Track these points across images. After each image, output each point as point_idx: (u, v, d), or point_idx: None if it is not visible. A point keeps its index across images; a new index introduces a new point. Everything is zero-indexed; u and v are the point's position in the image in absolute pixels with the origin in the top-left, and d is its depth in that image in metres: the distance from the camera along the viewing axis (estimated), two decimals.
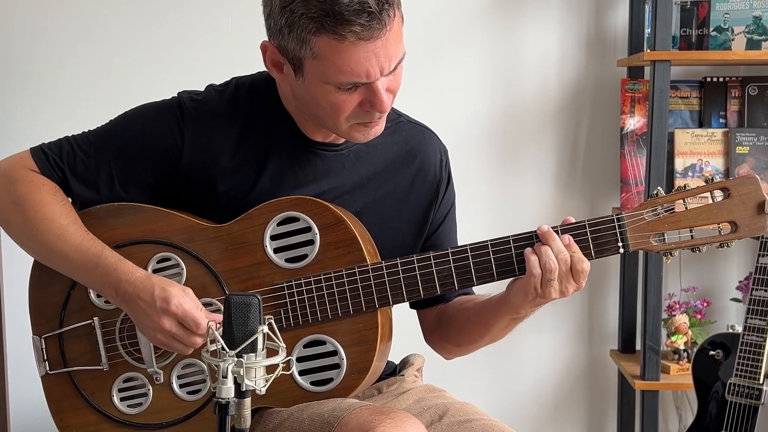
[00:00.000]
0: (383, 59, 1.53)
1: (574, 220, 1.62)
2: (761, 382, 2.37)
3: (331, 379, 1.66)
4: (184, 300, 1.61)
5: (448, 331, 1.81)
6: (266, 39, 1.61)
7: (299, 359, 1.67)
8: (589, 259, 1.60)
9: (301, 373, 1.67)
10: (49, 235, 1.69)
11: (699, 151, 2.79)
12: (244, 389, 1.27)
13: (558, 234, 1.59)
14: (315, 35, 1.51)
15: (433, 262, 1.63)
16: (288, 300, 1.66)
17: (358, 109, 1.59)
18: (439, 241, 1.82)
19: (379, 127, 1.65)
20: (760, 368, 2.37)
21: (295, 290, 1.66)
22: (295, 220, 1.67)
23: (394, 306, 1.70)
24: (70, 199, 1.76)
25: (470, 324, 1.76)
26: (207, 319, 1.60)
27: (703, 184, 1.59)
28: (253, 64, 1.65)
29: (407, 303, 1.74)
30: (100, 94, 2.93)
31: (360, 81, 1.54)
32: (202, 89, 1.76)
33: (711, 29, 2.75)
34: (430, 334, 1.86)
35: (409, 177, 1.79)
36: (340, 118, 1.60)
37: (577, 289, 1.60)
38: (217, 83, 1.77)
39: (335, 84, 1.55)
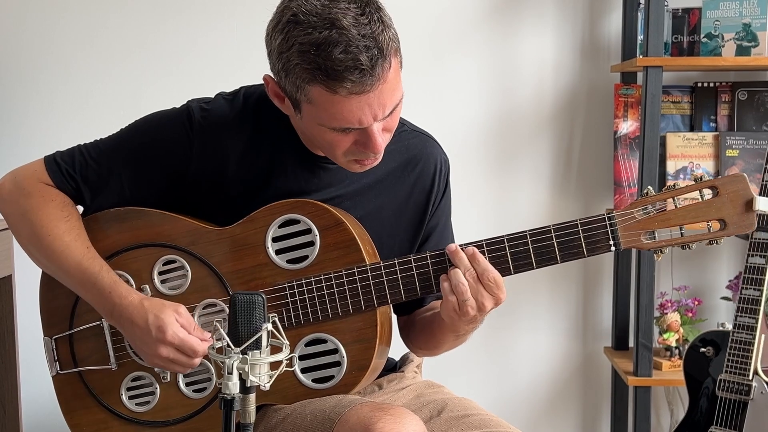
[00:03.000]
0: (377, 108, 1.52)
1: (454, 247, 1.60)
2: (750, 378, 2.37)
3: (332, 377, 1.66)
4: (179, 329, 1.61)
5: (411, 335, 1.83)
6: (268, 71, 1.60)
7: (301, 357, 1.67)
8: (581, 257, 1.60)
9: (303, 370, 1.67)
10: (52, 250, 1.69)
11: (690, 154, 2.79)
12: (248, 385, 1.28)
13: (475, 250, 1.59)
14: (309, 84, 1.50)
15: (429, 261, 1.63)
16: (289, 300, 1.66)
17: (354, 147, 1.58)
18: (430, 247, 1.80)
19: (375, 162, 1.64)
20: (750, 365, 2.37)
21: (296, 290, 1.66)
22: (296, 222, 1.67)
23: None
24: (82, 208, 1.76)
25: (425, 335, 1.78)
26: (203, 342, 1.61)
27: (693, 183, 1.58)
28: (257, 66, 1.65)
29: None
30: (108, 98, 2.94)
31: (353, 127, 1.54)
32: (212, 96, 1.76)
33: (702, 36, 2.75)
34: (401, 332, 1.87)
35: (409, 185, 1.78)
36: (337, 153, 1.60)
37: (495, 303, 1.59)
38: (226, 91, 1.76)
39: (329, 127, 1.55)
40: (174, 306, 1.64)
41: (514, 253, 1.60)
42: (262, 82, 1.68)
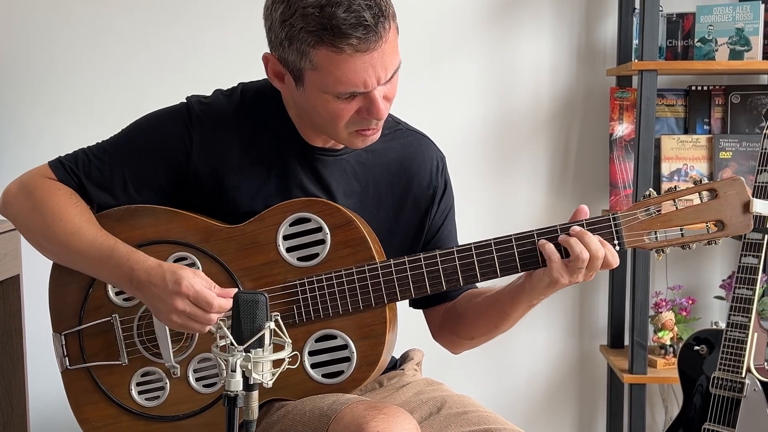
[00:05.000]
0: (380, 69, 1.53)
1: (588, 210, 1.62)
2: (743, 375, 2.37)
3: (341, 372, 1.66)
4: (195, 281, 1.60)
5: (460, 327, 1.80)
6: (268, 51, 1.61)
7: (311, 353, 1.67)
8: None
9: (313, 366, 1.67)
10: (65, 234, 1.69)
11: (684, 156, 2.79)
12: (251, 383, 1.28)
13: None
14: (314, 48, 1.51)
15: (439, 260, 1.63)
16: (300, 297, 1.66)
17: (356, 116, 1.59)
18: (440, 243, 1.81)
19: (377, 134, 1.65)
20: (743, 362, 2.37)
21: (307, 287, 1.66)
22: (307, 220, 1.67)
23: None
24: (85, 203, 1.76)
25: (484, 317, 1.75)
26: (218, 295, 1.60)
27: (692, 185, 1.60)
28: (260, 69, 1.65)
29: (405, 301, 1.74)
30: (113, 100, 2.94)
31: (358, 90, 1.55)
32: (210, 93, 1.76)
33: (696, 40, 2.75)
34: (439, 331, 1.84)
35: (406, 183, 1.79)
36: (339, 125, 1.60)
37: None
38: (225, 88, 1.77)
39: (334, 93, 1.55)
40: (192, 269, 1.64)
41: (522, 252, 1.61)
42: (261, 77, 1.68)
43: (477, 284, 1.79)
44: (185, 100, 1.74)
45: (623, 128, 2.85)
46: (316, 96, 1.58)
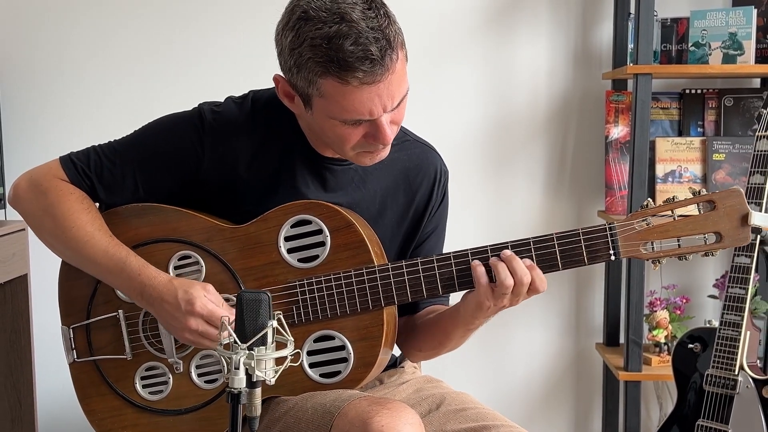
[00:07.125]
0: (386, 99, 1.53)
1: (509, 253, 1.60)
2: (736, 373, 2.37)
3: (339, 372, 1.66)
4: (208, 300, 1.61)
5: (412, 338, 1.81)
6: (279, 72, 1.61)
7: (309, 353, 1.68)
8: (581, 265, 1.59)
9: (311, 365, 1.68)
10: (77, 241, 1.69)
11: (678, 158, 2.80)
12: (254, 380, 1.28)
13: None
14: (321, 77, 1.51)
15: (436, 265, 1.63)
16: (300, 297, 1.67)
17: (363, 140, 1.59)
18: (423, 254, 1.80)
19: (384, 153, 1.65)
20: (736, 360, 2.37)
21: (306, 288, 1.66)
22: (308, 222, 1.67)
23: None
24: (96, 204, 1.77)
25: (431, 333, 1.76)
26: (230, 315, 1.60)
27: (690, 195, 1.58)
28: (266, 73, 1.65)
29: None
30: (119, 103, 2.94)
31: (363, 118, 1.55)
32: (221, 100, 1.76)
33: (690, 45, 2.75)
34: (398, 337, 1.85)
35: (410, 193, 1.79)
36: (346, 147, 1.61)
37: (524, 299, 1.60)
38: (236, 95, 1.77)
39: (340, 120, 1.56)
40: (202, 284, 1.65)
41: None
42: (271, 86, 1.68)
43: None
44: (197, 107, 1.74)
45: (619, 131, 2.85)
46: (323, 120, 1.58)
